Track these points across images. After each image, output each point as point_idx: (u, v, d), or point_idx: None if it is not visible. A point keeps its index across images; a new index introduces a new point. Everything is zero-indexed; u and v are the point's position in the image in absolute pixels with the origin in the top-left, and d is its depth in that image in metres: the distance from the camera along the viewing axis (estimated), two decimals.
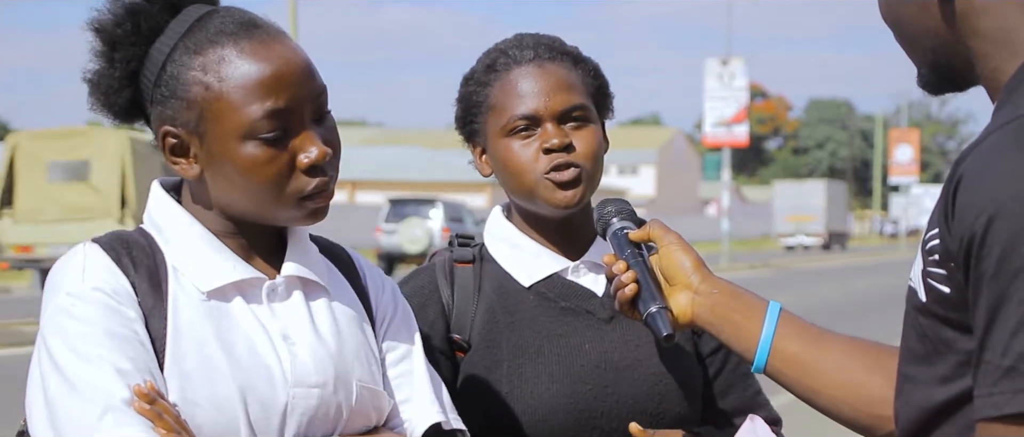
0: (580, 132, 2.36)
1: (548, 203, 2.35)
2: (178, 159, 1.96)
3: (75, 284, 1.90)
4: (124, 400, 1.82)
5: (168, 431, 1.82)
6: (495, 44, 2.45)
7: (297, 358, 1.96)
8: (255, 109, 1.89)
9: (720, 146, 42.77)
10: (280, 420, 1.93)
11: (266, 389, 1.92)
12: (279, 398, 1.93)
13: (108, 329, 1.86)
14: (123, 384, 1.83)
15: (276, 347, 1.95)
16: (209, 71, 1.90)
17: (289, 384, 1.94)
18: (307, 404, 1.95)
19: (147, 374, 1.85)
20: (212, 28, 1.93)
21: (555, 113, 2.35)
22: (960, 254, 1.47)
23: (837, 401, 1.91)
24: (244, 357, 1.93)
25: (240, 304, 1.97)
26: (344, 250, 2.18)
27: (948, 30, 1.61)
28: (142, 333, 1.89)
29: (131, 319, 1.89)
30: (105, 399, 1.81)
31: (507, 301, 2.39)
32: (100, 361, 1.84)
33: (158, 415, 1.82)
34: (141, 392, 1.82)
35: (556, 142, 2.32)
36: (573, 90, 2.37)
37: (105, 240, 1.97)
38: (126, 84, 1.96)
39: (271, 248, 2.04)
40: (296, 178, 1.93)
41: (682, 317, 2.06)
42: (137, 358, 1.86)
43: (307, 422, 1.95)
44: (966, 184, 1.47)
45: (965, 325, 1.49)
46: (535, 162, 2.34)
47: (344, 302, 2.07)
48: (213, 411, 1.89)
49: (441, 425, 2.07)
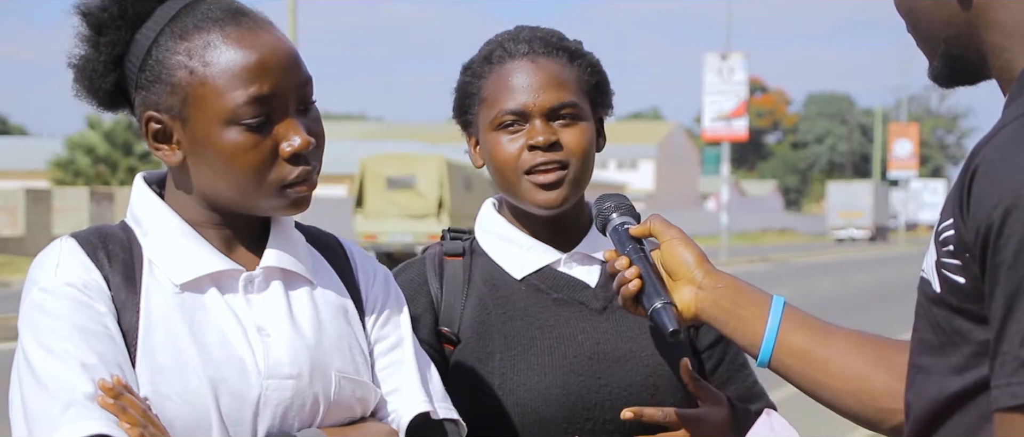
0: (569, 129, 2.35)
1: (531, 203, 2.35)
2: (161, 145, 1.96)
3: (48, 279, 1.90)
4: (87, 395, 1.81)
5: (132, 425, 1.81)
6: (496, 35, 2.44)
7: (271, 349, 1.95)
8: (239, 94, 1.90)
9: (719, 140, 42.78)
10: (253, 412, 1.93)
11: (238, 381, 1.92)
12: (252, 390, 1.93)
13: (76, 323, 1.86)
14: (88, 379, 1.82)
15: (250, 339, 1.95)
16: (194, 56, 1.91)
17: (262, 375, 1.94)
18: (281, 395, 1.94)
19: (115, 368, 1.85)
20: (199, 14, 1.94)
21: (544, 109, 2.34)
22: (976, 244, 1.47)
23: (842, 394, 1.91)
24: (216, 349, 1.93)
25: (215, 296, 1.96)
26: (337, 240, 2.18)
27: (963, 21, 1.61)
28: (113, 327, 1.89)
29: (101, 314, 1.89)
30: (68, 394, 1.82)
31: (498, 293, 2.39)
32: (66, 356, 1.84)
33: (123, 409, 1.81)
34: (106, 386, 1.82)
35: (541, 139, 2.32)
36: (564, 87, 2.35)
37: (83, 235, 1.97)
38: (111, 69, 1.97)
39: (254, 238, 2.03)
40: (278, 166, 1.93)
41: (686, 312, 2.06)
42: (105, 352, 1.86)
43: (282, 413, 1.95)
44: (982, 175, 1.47)
45: (979, 315, 1.49)
46: (518, 158, 2.34)
47: (329, 293, 2.06)
48: (184, 404, 1.88)
49: (429, 415, 2.06)
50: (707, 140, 44.86)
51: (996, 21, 1.59)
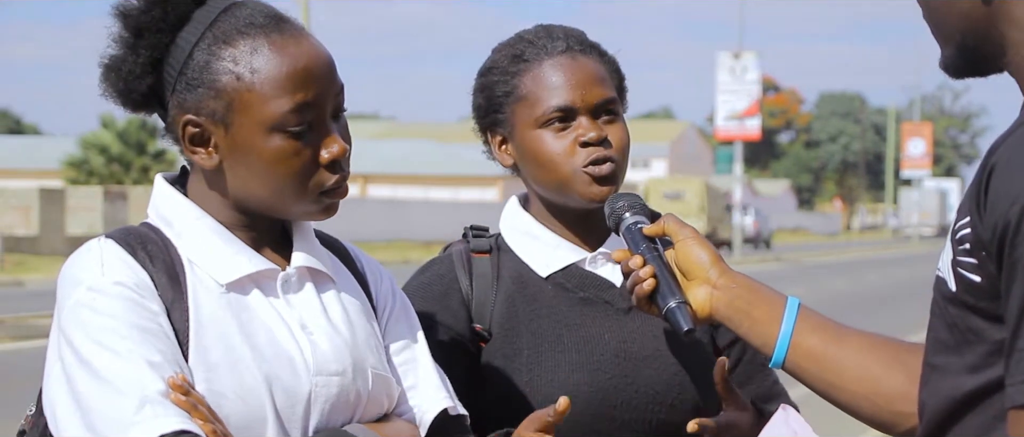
0: (612, 126, 2.36)
1: (582, 197, 2.34)
2: (197, 149, 1.96)
3: (95, 278, 1.90)
4: (160, 392, 1.82)
5: (204, 420, 1.83)
6: (517, 34, 2.43)
7: (317, 347, 1.97)
8: (284, 102, 1.92)
9: (732, 139, 42.76)
10: (305, 408, 1.95)
11: (290, 378, 1.94)
12: (303, 387, 1.95)
13: (133, 323, 1.87)
14: (157, 376, 1.83)
15: (296, 337, 1.97)
16: (240, 62, 1.92)
17: (311, 372, 1.96)
18: (329, 392, 1.97)
19: (176, 366, 1.86)
20: (241, 20, 1.94)
21: (590, 106, 2.34)
22: (993, 242, 1.46)
23: (857, 397, 1.91)
24: (267, 347, 1.94)
25: (258, 296, 1.98)
26: (341, 242, 2.19)
27: (982, 15, 1.59)
28: (166, 326, 1.90)
29: (155, 312, 1.90)
30: (140, 392, 1.82)
31: (526, 291, 2.39)
32: (130, 355, 1.84)
33: (193, 406, 1.83)
34: (176, 384, 1.83)
35: (593, 136, 2.32)
36: (605, 83, 2.37)
37: (118, 235, 1.97)
38: (148, 71, 1.96)
39: (278, 240, 2.05)
40: (319, 173, 1.95)
41: (700, 311, 2.06)
42: (165, 351, 1.87)
43: (329, 409, 1.97)
44: (999, 173, 1.47)
45: (995, 314, 1.49)
46: (571, 155, 2.33)
47: (350, 292, 2.09)
48: (239, 402, 1.90)
49: (448, 411, 2.09)
50: (720, 139, 44.86)
51: (1016, 17, 1.57)
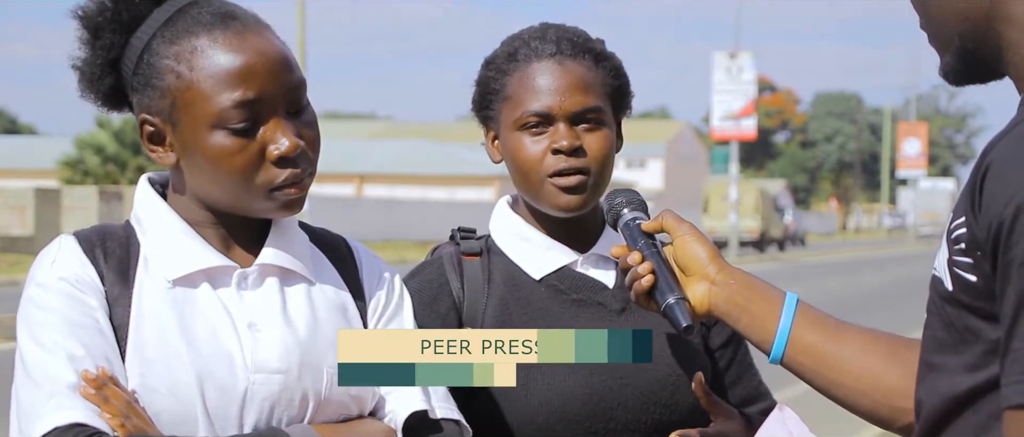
0: (592, 134, 2.34)
1: (551, 206, 2.34)
2: (155, 147, 1.99)
3: (44, 274, 1.94)
4: (70, 385, 1.85)
5: (114, 415, 1.83)
6: (521, 31, 2.43)
7: (260, 344, 1.97)
8: (224, 99, 1.92)
9: (728, 139, 42.69)
10: (239, 406, 1.94)
11: (225, 375, 1.94)
12: (238, 384, 1.94)
13: (66, 316, 1.90)
14: (72, 370, 1.86)
15: (239, 334, 1.97)
16: (181, 60, 1.93)
17: (249, 369, 1.95)
18: (268, 390, 1.96)
19: (102, 361, 1.88)
20: (189, 18, 1.96)
21: (568, 113, 2.33)
22: (987, 242, 1.46)
23: (855, 392, 1.90)
24: (205, 343, 1.95)
25: (207, 291, 1.98)
26: (344, 241, 2.18)
27: (980, 15, 1.59)
28: (103, 321, 1.92)
29: (91, 307, 1.92)
30: (52, 385, 1.85)
31: (519, 293, 2.38)
32: (54, 348, 1.88)
33: (106, 400, 1.84)
34: (89, 377, 1.85)
35: (565, 144, 2.30)
36: (590, 91, 2.34)
37: (83, 232, 2.01)
38: (107, 71, 2.00)
39: (253, 237, 2.05)
40: (266, 169, 1.95)
41: (699, 307, 2.05)
42: (92, 345, 1.89)
43: (269, 408, 1.96)
44: (994, 172, 1.47)
45: (991, 314, 1.49)
46: (542, 161, 2.32)
47: (327, 291, 2.07)
48: (171, 397, 1.91)
49: (427, 414, 2.05)
50: (716, 139, 44.79)
51: (1014, 16, 1.57)
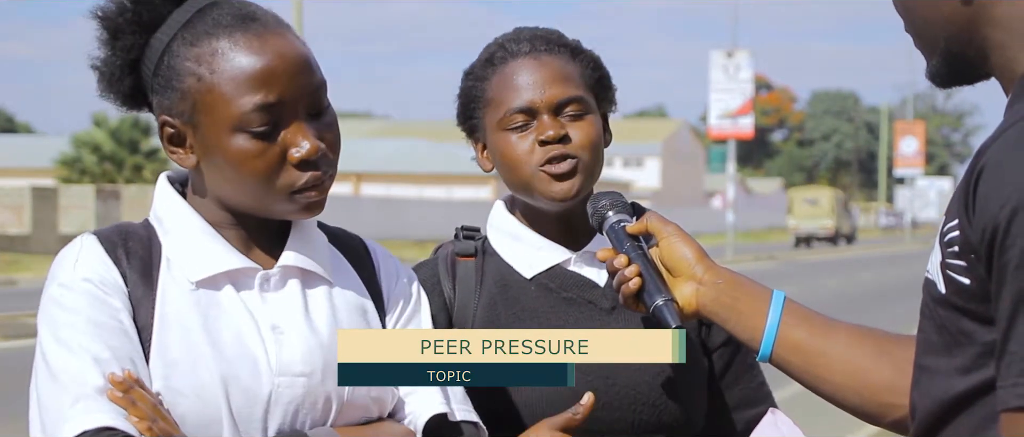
0: (577, 123, 2.34)
1: (544, 196, 2.33)
2: (176, 149, 1.98)
3: (67, 275, 1.92)
4: (97, 388, 1.84)
5: (141, 418, 1.82)
6: (495, 38, 2.43)
7: (284, 347, 1.96)
8: (245, 102, 1.91)
9: (725, 138, 42.72)
10: (263, 409, 1.93)
11: (249, 378, 1.93)
12: (263, 387, 1.93)
13: (91, 318, 1.88)
14: (99, 372, 1.85)
15: (263, 336, 1.96)
16: (202, 63, 1.92)
17: (273, 373, 1.94)
18: (292, 393, 1.95)
19: (127, 363, 1.87)
20: (210, 20, 1.94)
21: (551, 104, 2.33)
22: (982, 245, 1.46)
23: (843, 389, 1.90)
24: (229, 346, 1.93)
25: (230, 293, 1.97)
26: (360, 240, 2.17)
27: (964, 18, 1.58)
28: (127, 323, 1.90)
29: (116, 309, 1.90)
30: (78, 387, 1.84)
31: (508, 293, 2.38)
32: (79, 350, 1.86)
33: (132, 403, 1.83)
34: (115, 380, 1.84)
35: (551, 134, 2.30)
36: (569, 81, 2.34)
37: (105, 232, 1.99)
38: (127, 72, 1.98)
39: (273, 238, 2.04)
40: (287, 172, 1.93)
41: (687, 308, 2.05)
42: (118, 347, 1.87)
43: (293, 411, 1.95)
44: (988, 176, 1.46)
45: (985, 316, 1.48)
46: (530, 154, 2.32)
47: (347, 292, 2.06)
48: (196, 400, 1.90)
49: (446, 416, 2.06)
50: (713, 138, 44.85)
51: (998, 18, 1.56)
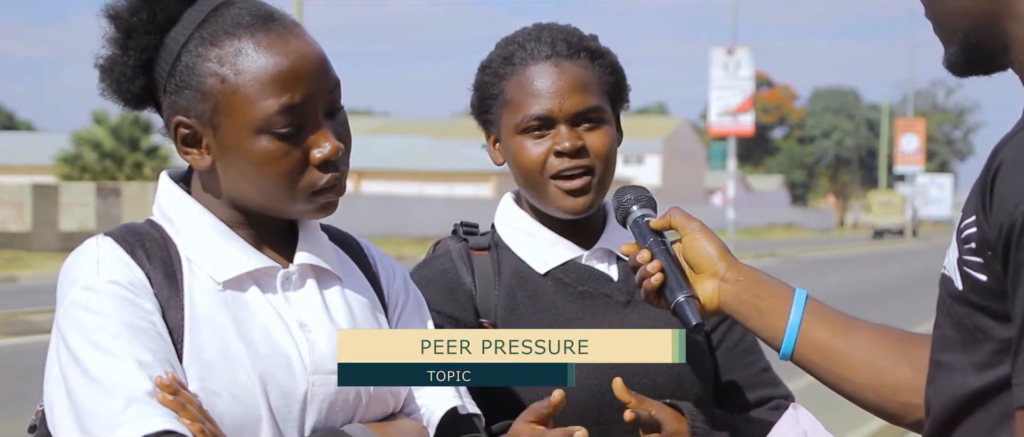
0: (594, 133, 2.36)
1: (557, 208, 2.36)
2: (190, 149, 1.96)
3: (90, 277, 1.89)
4: (147, 392, 1.82)
5: (192, 420, 1.81)
6: (514, 33, 2.44)
7: (315, 345, 1.96)
8: (271, 103, 1.89)
9: (726, 135, 42.74)
10: (301, 407, 1.94)
11: (286, 377, 1.93)
12: (299, 386, 1.94)
13: (125, 321, 1.86)
14: (145, 376, 1.82)
15: (293, 335, 1.96)
16: (225, 63, 1.90)
17: (308, 371, 1.94)
18: (326, 391, 1.95)
19: (167, 365, 1.85)
20: (228, 19, 1.92)
21: (569, 115, 2.34)
22: (999, 242, 1.46)
23: (864, 388, 1.91)
24: (262, 346, 1.93)
25: (256, 293, 1.97)
26: (355, 239, 2.18)
27: (987, 11, 1.58)
28: (160, 324, 1.89)
29: (148, 311, 1.89)
30: (127, 391, 1.81)
31: (526, 286, 2.40)
32: (120, 353, 1.84)
33: (182, 405, 1.82)
34: (163, 383, 1.82)
35: (567, 146, 2.32)
36: (588, 91, 2.36)
37: (117, 232, 1.97)
38: (139, 72, 1.96)
39: (281, 238, 2.04)
40: (309, 173, 1.93)
41: (709, 304, 2.05)
42: (157, 350, 1.86)
43: (327, 408, 1.96)
44: (1005, 172, 1.46)
45: (1002, 313, 1.48)
46: (544, 163, 2.34)
47: (357, 290, 2.07)
48: (233, 400, 1.89)
49: (457, 410, 2.08)
50: (713, 135, 44.88)
51: (1021, 13, 1.56)
